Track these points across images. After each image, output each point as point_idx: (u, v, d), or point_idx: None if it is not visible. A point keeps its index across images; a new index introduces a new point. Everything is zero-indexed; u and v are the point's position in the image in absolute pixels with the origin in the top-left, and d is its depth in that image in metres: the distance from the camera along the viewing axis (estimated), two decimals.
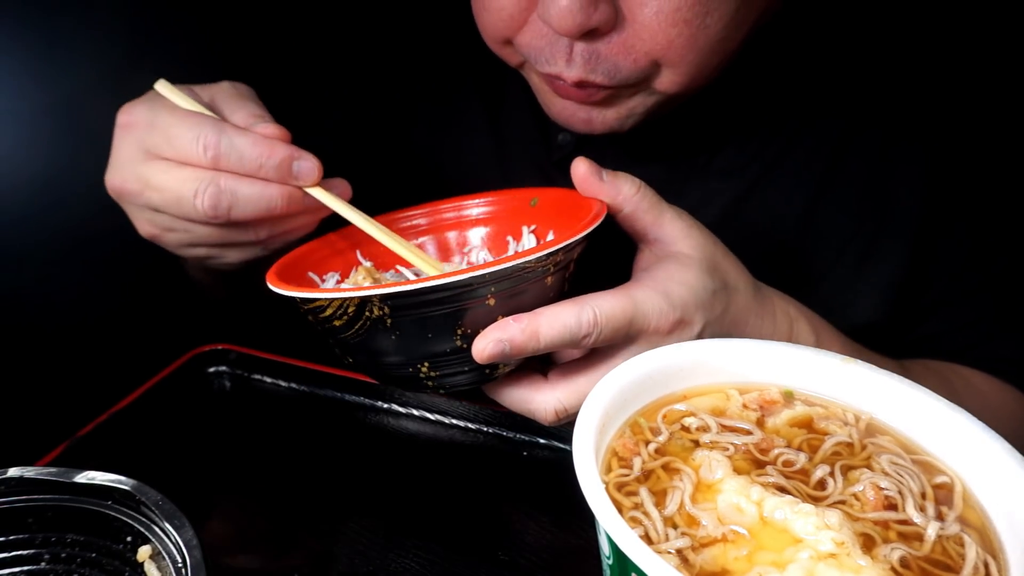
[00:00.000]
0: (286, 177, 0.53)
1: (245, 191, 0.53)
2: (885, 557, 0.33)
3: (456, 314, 0.45)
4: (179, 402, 0.64)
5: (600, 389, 0.39)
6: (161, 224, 0.57)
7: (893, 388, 0.41)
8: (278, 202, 0.54)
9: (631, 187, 0.51)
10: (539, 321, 0.45)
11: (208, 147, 0.52)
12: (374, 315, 0.45)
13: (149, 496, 0.40)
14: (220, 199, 0.52)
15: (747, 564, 0.33)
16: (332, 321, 0.46)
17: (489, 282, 0.44)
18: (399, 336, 0.46)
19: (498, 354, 0.45)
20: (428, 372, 0.48)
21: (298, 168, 0.53)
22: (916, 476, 0.37)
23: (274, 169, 0.53)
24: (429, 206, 0.63)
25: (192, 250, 0.59)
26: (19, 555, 0.42)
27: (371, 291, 0.43)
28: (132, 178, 0.55)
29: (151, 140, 0.54)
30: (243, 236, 0.56)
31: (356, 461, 0.59)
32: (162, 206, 0.54)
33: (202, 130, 0.52)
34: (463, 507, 0.54)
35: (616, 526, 0.31)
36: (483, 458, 0.59)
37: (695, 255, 0.51)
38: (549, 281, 0.47)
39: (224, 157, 0.52)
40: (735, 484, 0.36)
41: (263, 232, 0.56)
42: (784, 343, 0.44)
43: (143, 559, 0.41)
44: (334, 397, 0.66)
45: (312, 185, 0.54)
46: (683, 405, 0.42)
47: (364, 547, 0.50)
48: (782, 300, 0.57)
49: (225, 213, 0.53)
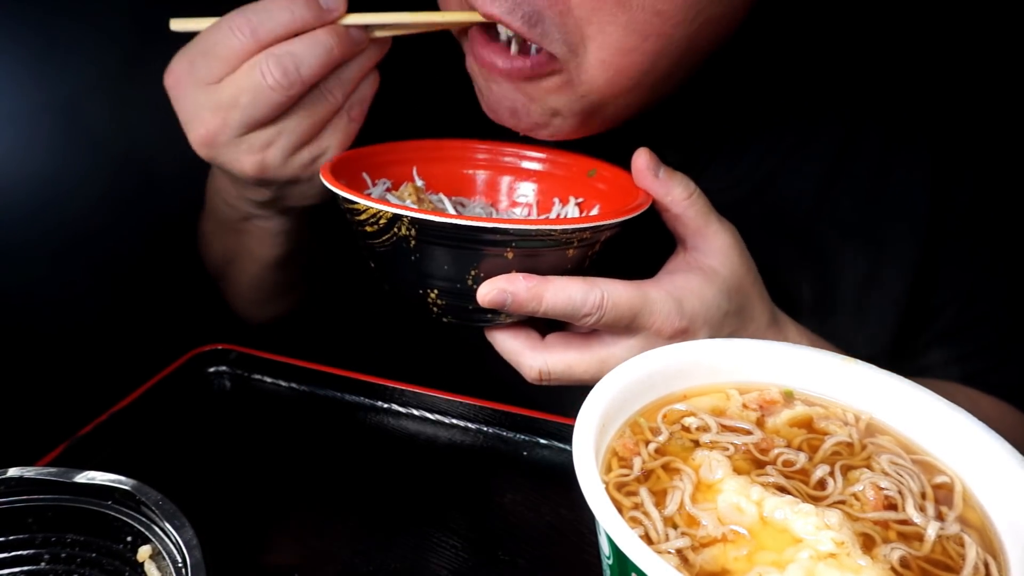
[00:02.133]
0: (321, 15, 0.54)
1: (298, 47, 0.53)
2: (885, 557, 0.33)
3: (474, 256, 0.48)
4: (179, 402, 0.64)
5: (600, 389, 0.39)
6: (258, 142, 0.57)
7: (893, 388, 0.41)
8: (331, 41, 0.54)
9: (683, 191, 0.51)
10: (547, 286, 0.47)
11: (241, 30, 0.52)
12: (401, 233, 0.48)
13: (149, 496, 0.40)
14: (284, 63, 0.53)
15: (747, 564, 0.32)
16: (364, 226, 0.49)
17: (512, 237, 0.46)
18: (418, 259, 0.49)
19: (499, 303, 0.47)
20: (436, 299, 0.51)
21: (325, 2, 0.54)
22: (916, 476, 0.37)
23: (303, 12, 0.53)
24: (491, 143, 0.65)
25: (297, 157, 0.59)
26: (19, 555, 0.42)
27: (403, 211, 0.46)
28: (208, 117, 0.55)
29: (199, 73, 0.54)
30: (325, 106, 0.57)
31: (356, 461, 0.59)
32: (247, 114, 0.54)
33: (230, 24, 0.53)
34: (463, 507, 0.54)
35: (616, 526, 0.31)
36: (483, 458, 0.59)
37: (722, 273, 0.52)
38: (570, 253, 0.49)
39: (261, 30, 0.53)
40: (735, 484, 0.36)
41: (337, 91, 0.57)
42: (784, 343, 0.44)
43: (143, 559, 0.41)
44: (334, 397, 0.66)
45: (342, 14, 0.55)
46: (683, 405, 0.42)
47: (364, 547, 0.50)
48: (796, 333, 0.57)
49: (296, 75, 0.53)
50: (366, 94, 0.60)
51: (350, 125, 0.60)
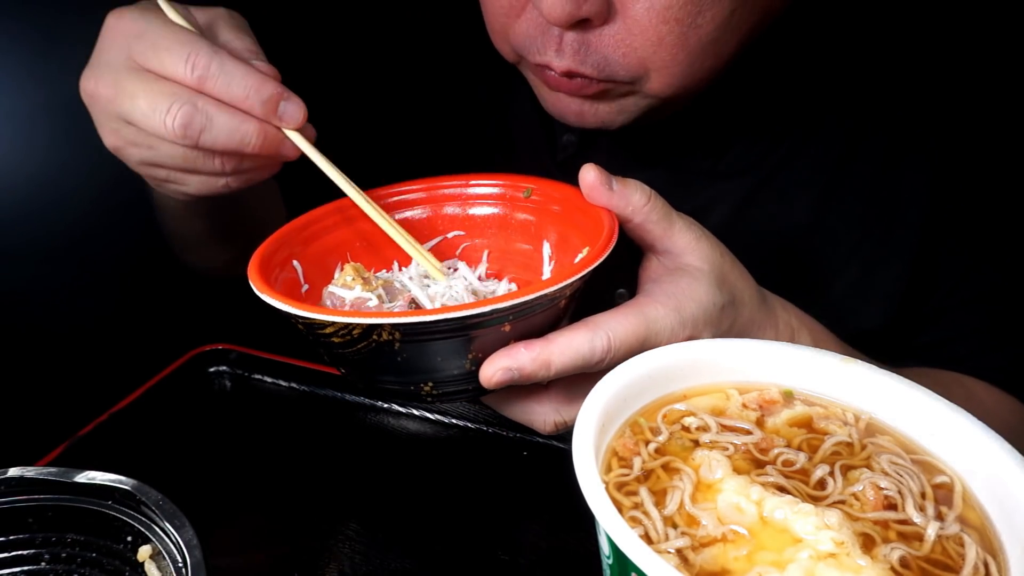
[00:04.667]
0: (270, 115, 0.52)
1: (222, 119, 0.51)
2: (885, 557, 0.33)
3: (470, 340, 0.44)
4: (179, 402, 0.64)
5: (600, 389, 0.39)
6: (127, 137, 0.54)
7: (893, 388, 0.41)
8: (253, 138, 0.52)
9: (641, 198, 0.49)
10: (551, 349, 0.44)
11: (197, 66, 0.50)
12: (382, 339, 0.43)
13: (149, 496, 0.40)
14: (193, 119, 0.50)
15: (747, 564, 0.32)
16: (331, 338, 0.44)
17: (509, 312, 0.43)
18: (405, 359, 0.44)
19: (506, 381, 0.44)
20: (431, 391, 0.47)
21: (284, 109, 0.52)
22: (916, 476, 0.37)
23: (260, 104, 0.51)
24: (422, 182, 0.60)
25: (151, 169, 0.56)
26: (19, 555, 0.42)
27: (384, 319, 0.41)
28: (109, 83, 0.52)
29: (137, 47, 0.52)
30: (207, 164, 0.54)
31: (356, 461, 0.59)
32: (132, 117, 0.52)
33: (195, 48, 0.50)
34: (463, 507, 0.54)
35: (616, 526, 0.31)
36: (483, 458, 0.59)
37: (705, 268, 0.50)
38: (563, 304, 0.47)
39: (212, 79, 0.50)
40: (735, 484, 0.36)
41: (229, 165, 0.54)
42: (784, 343, 0.44)
43: (143, 559, 0.41)
44: (334, 397, 0.66)
45: (294, 128, 0.53)
46: (683, 405, 0.42)
47: (364, 547, 0.50)
48: (784, 311, 0.57)
49: (195, 135, 0.50)
50: (260, 177, 0.57)
51: (223, 189, 0.56)
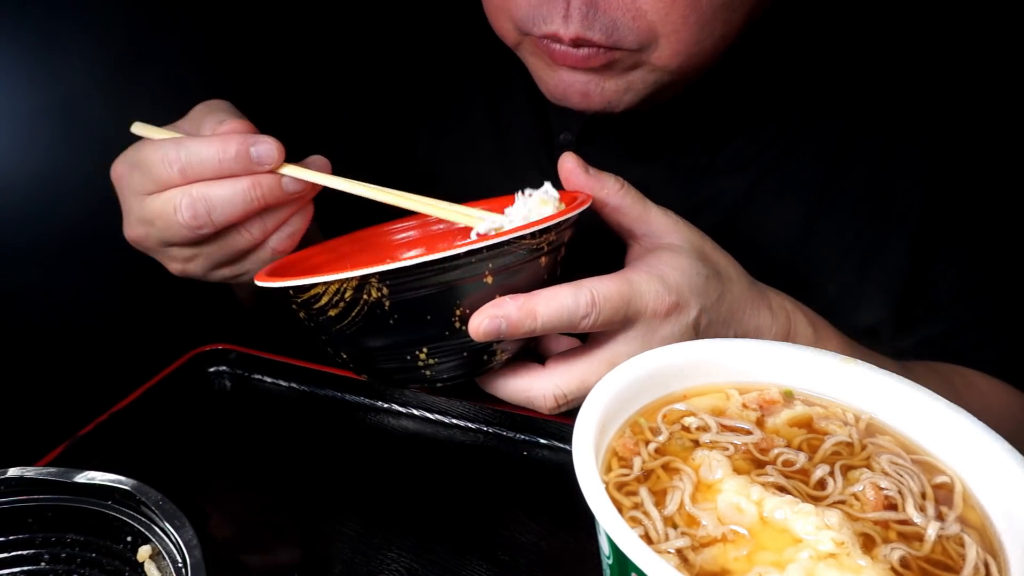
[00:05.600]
0: (248, 165, 0.53)
1: (216, 191, 0.53)
2: (885, 557, 0.33)
3: (454, 292, 0.45)
4: (179, 402, 0.64)
5: (600, 389, 0.39)
6: (178, 256, 0.59)
7: (893, 388, 0.41)
8: (252, 192, 0.53)
9: (615, 183, 0.52)
10: (536, 300, 0.46)
11: (171, 163, 0.53)
12: (372, 297, 0.45)
13: (149, 496, 0.40)
14: (196, 206, 0.53)
15: (747, 564, 0.33)
16: (327, 311, 0.46)
17: (487, 257, 0.44)
18: (397, 320, 0.46)
19: (494, 330, 0.45)
20: (426, 360, 0.48)
21: (256, 153, 0.53)
22: (916, 476, 0.37)
23: (233, 160, 0.52)
24: (415, 218, 0.62)
25: (217, 272, 0.60)
26: (19, 555, 0.42)
27: (369, 269, 0.43)
28: (136, 223, 0.57)
29: (136, 182, 0.55)
30: (241, 242, 0.57)
31: (356, 461, 0.59)
32: (163, 235, 0.56)
33: (164, 150, 0.53)
34: (463, 507, 0.54)
35: (616, 526, 0.31)
36: (483, 458, 0.59)
37: (684, 245, 0.52)
38: (543, 262, 0.48)
39: (189, 167, 0.53)
40: (735, 484, 0.36)
41: (256, 231, 0.56)
42: (784, 343, 0.44)
43: (143, 559, 0.41)
44: (334, 397, 0.66)
45: (277, 166, 0.54)
46: (683, 405, 0.42)
47: (364, 547, 0.50)
48: (778, 296, 0.57)
49: (206, 218, 0.53)
50: (297, 228, 0.59)
51: (274, 254, 0.59)
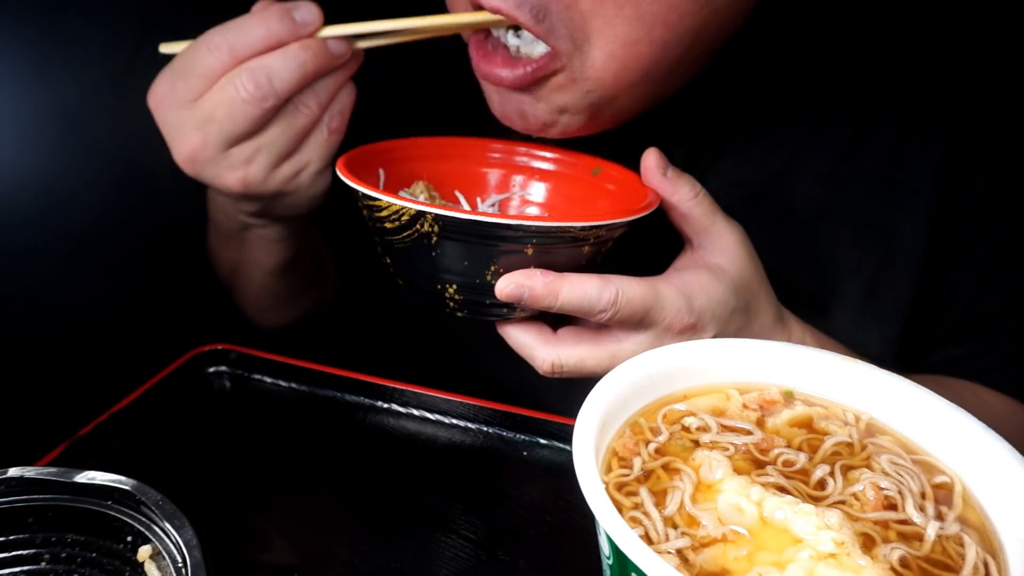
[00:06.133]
0: (294, 29, 0.54)
1: (272, 61, 0.54)
2: (885, 557, 0.33)
3: (495, 252, 0.49)
4: (179, 402, 0.64)
5: (600, 389, 0.39)
6: (239, 158, 0.58)
7: (893, 388, 0.41)
8: (305, 55, 0.54)
9: (690, 191, 0.53)
10: (563, 283, 0.48)
11: (218, 47, 0.54)
12: (423, 229, 0.48)
13: (149, 496, 0.40)
14: (257, 76, 0.53)
15: (747, 564, 0.33)
16: (385, 222, 0.50)
17: (533, 233, 0.48)
18: (439, 254, 0.50)
19: (516, 296, 0.48)
20: (453, 294, 0.52)
21: (300, 17, 0.54)
22: (916, 476, 0.37)
23: (278, 27, 0.54)
24: (503, 143, 0.66)
25: (279, 172, 0.59)
26: (19, 555, 0.42)
27: (428, 208, 0.47)
28: (190, 133, 0.56)
29: (181, 91, 0.55)
30: (301, 119, 0.57)
31: (356, 461, 0.59)
32: (225, 129, 0.55)
33: (207, 43, 0.54)
34: (463, 507, 0.54)
35: (616, 526, 0.31)
36: (483, 458, 0.59)
37: (729, 271, 0.53)
38: (585, 250, 0.51)
39: (236, 47, 0.54)
40: (735, 484, 0.36)
41: (312, 103, 0.57)
42: (784, 343, 0.44)
43: (143, 559, 0.41)
44: (334, 397, 0.66)
45: (318, 28, 0.55)
46: (683, 405, 0.42)
47: (364, 547, 0.50)
48: (800, 329, 0.58)
49: (269, 87, 0.54)
50: (345, 105, 0.60)
51: (330, 137, 0.60)
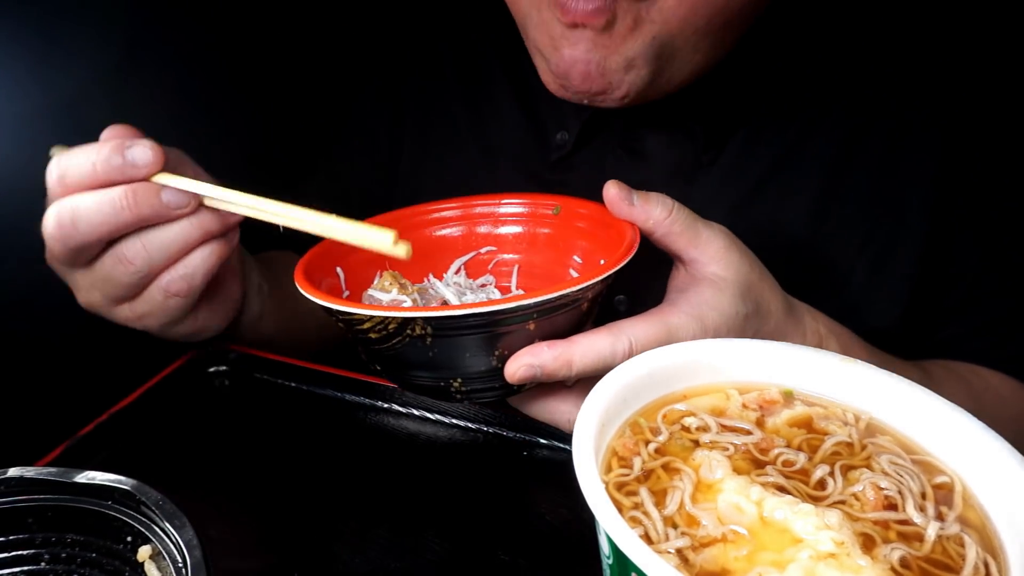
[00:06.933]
0: (121, 168, 0.49)
1: (85, 199, 0.50)
2: (885, 557, 0.33)
3: (496, 337, 0.47)
4: (179, 402, 0.64)
5: (600, 389, 0.39)
6: (79, 284, 0.56)
7: (893, 388, 0.41)
8: (122, 200, 0.49)
9: (662, 211, 0.50)
10: (573, 350, 0.46)
11: (51, 173, 0.51)
12: (415, 333, 0.46)
13: (149, 496, 0.40)
14: (61, 215, 0.50)
15: (747, 564, 0.32)
16: (369, 333, 0.47)
17: (534, 309, 0.45)
18: (436, 354, 0.47)
19: (529, 378, 0.46)
20: (459, 387, 0.50)
21: (131, 155, 0.49)
22: (916, 476, 0.37)
23: (105, 163, 0.49)
24: (458, 200, 0.63)
25: (118, 310, 0.56)
26: (19, 555, 0.42)
27: (417, 313, 0.45)
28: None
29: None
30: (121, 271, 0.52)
31: (356, 461, 0.59)
32: (53, 251, 0.53)
33: (52, 163, 0.51)
34: (463, 507, 0.54)
35: (616, 526, 0.31)
36: (483, 458, 0.59)
37: (730, 277, 0.51)
38: (584, 307, 0.49)
39: (66, 175, 0.50)
40: (735, 484, 0.36)
41: (136, 258, 0.52)
42: (784, 343, 0.44)
43: (143, 559, 0.41)
44: (334, 397, 0.66)
45: (153, 171, 0.50)
46: (683, 405, 0.42)
47: (364, 547, 0.50)
48: (812, 319, 0.57)
49: (70, 228, 0.50)
50: (196, 269, 0.53)
51: (167, 300, 0.54)
